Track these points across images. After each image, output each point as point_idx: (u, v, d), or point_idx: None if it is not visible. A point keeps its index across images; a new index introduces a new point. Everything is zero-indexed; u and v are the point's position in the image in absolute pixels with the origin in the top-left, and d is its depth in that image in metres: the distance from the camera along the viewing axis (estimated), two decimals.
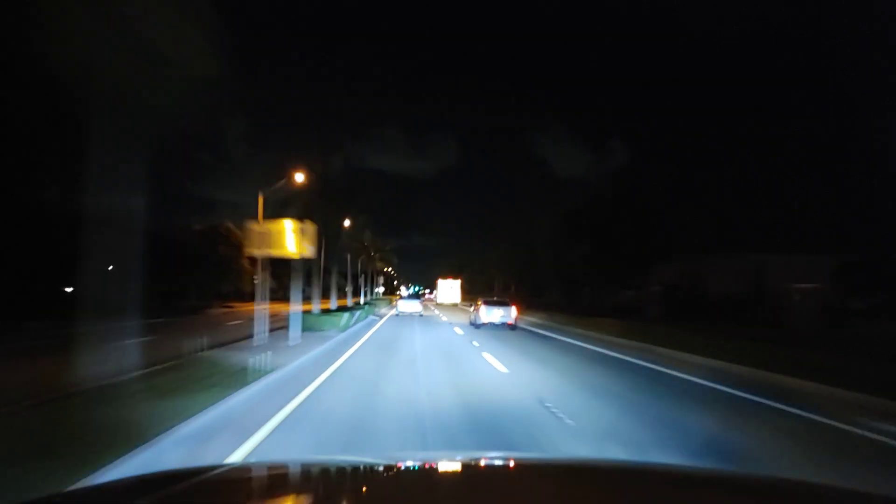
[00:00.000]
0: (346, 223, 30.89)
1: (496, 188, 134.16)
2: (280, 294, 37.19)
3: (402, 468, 2.00)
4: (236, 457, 4.82)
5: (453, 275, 75.62)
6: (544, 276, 43.41)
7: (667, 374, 11.65)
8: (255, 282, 56.21)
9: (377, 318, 32.12)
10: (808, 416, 7.42)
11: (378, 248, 47.97)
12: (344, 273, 37.52)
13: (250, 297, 44.47)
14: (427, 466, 2.10)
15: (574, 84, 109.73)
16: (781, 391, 9.33)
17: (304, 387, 8.28)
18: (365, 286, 48.79)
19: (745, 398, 8.78)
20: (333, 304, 24.38)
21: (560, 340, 19.54)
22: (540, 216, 42.64)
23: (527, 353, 14.45)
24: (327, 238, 22.50)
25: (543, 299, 48.03)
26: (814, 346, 15.25)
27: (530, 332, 23.66)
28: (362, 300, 39.21)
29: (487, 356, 13.00)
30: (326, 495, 1.65)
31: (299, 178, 18.73)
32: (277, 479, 1.83)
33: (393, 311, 37.90)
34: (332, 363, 11.09)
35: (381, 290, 73.03)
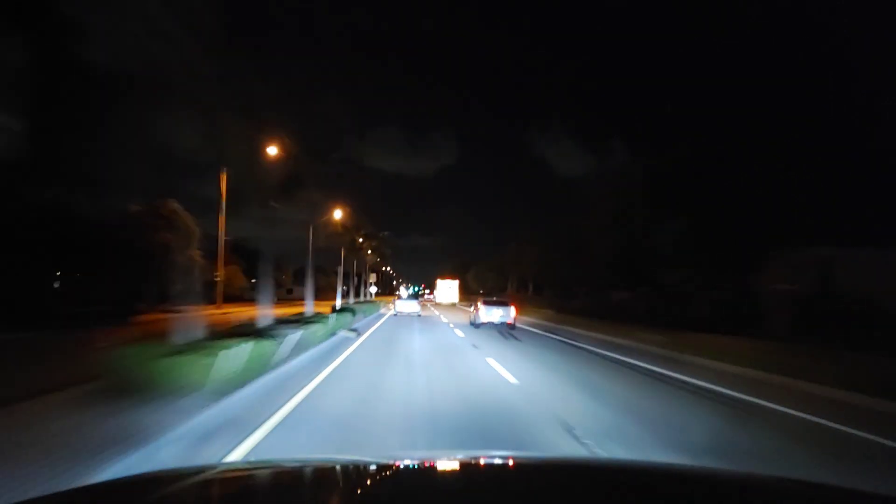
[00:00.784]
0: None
1: (498, 184, 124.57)
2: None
3: (402, 467, 1.92)
4: None
5: (453, 275, 75.33)
6: (597, 271, 32.21)
7: None
8: (216, 279, 45.35)
9: (353, 335, 18.36)
10: None
11: (366, 235, 36.66)
12: (327, 271, 26.45)
13: (223, 300, 36.84)
14: (426, 465, 2.02)
15: (582, 80, 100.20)
16: None
17: None
18: (348, 285, 37.57)
19: None
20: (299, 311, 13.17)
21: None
22: (598, 196, 31.75)
23: None
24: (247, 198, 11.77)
25: (578, 302, 38.46)
26: None
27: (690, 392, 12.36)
28: (338, 304, 27.89)
29: None
30: (325, 494, 1.59)
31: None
32: (276, 478, 1.75)
33: (390, 313, 35.94)
34: None
35: (373, 290, 61.47)
